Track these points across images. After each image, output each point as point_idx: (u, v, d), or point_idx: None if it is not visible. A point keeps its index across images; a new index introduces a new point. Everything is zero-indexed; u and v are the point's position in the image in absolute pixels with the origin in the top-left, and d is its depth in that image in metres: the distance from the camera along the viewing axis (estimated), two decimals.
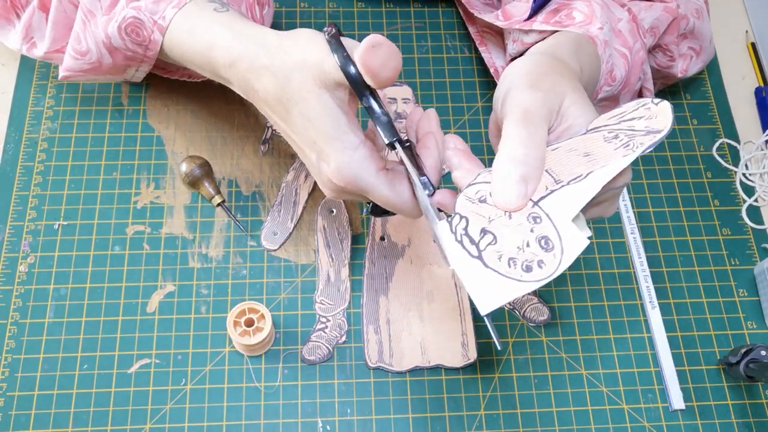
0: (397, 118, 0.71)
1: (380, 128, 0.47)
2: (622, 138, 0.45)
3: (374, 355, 0.61)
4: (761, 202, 0.70)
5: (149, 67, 0.61)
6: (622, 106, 0.48)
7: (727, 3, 0.81)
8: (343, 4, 0.77)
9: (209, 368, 0.61)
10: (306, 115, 0.48)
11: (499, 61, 0.71)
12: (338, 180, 0.48)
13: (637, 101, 0.48)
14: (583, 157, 0.45)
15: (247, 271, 0.64)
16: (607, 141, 0.46)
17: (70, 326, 0.61)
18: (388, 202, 0.49)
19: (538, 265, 0.44)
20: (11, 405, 0.58)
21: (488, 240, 0.44)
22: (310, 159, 0.50)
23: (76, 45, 0.59)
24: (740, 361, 0.59)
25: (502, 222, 0.45)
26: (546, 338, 0.63)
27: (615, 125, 0.46)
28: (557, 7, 0.62)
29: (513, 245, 0.44)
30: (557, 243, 0.44)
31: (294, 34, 0.49)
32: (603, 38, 0.59)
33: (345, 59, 0.45)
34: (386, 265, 0.65)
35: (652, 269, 0.66)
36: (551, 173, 0.46)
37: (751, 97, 0.76)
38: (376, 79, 0.45)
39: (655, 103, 0.47)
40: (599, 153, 0.45)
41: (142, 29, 0.56)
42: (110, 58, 0.59)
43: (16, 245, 0.64)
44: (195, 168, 0.65)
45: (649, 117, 0.46)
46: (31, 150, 0.68)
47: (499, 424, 0.60)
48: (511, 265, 0.44)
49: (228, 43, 0.51)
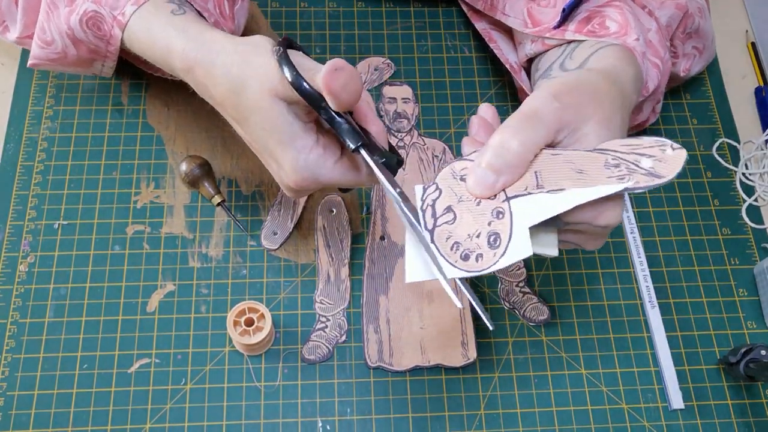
0: (396, 117, 0.71)
1: (344, 136, 0.47)
2: (622, 169, 0.45)
3: (374, 355, 0.61)
4: (761, 202, 0.70)
5: (114, 62, 0.61)
6: (641, 138, 0.47)
7: (727, 3, 0.81)
8: (343, 4, 0.77)
9: (209, 368, 0.61)
10: (260, 125, 0.49)
11: (511, 57, 0.70)
12: (298, 182, 0.50)
13: (657, 139, 0.46)
14: (575, 173, 0.45)
15: (247, 270, 0.64)
16: (606, 167, 0.45)
17: (70, 326, 0.61)
18: (349, 185, 0.52)
19: (475, 258, 0.45)
20: (11, 405, 0.58)
21: (448, 218, 0.46)
22: (270, 166, 0.52)
23: (41, 34, 0.59)
24: (740, 361, 0.59)
25: (468, 206, 0.46)
26: (546, 338, 0.63)
27: (623, 153, 0.46)
28: (588, 14, 0.60)
29: (466, 231, 0.46)
30: (504, 243, 0.45)
31: (253, 41, 0.50)
32: (640, 50, 0.58)
33: (296, 76, 0.46)
34: (386, 264, 0.65)
35: (651, 269, 0.66)
36: (538, 176, 0.46)
37: (751, 97, 0.76)
38: (338, 100, 0.45)
39: (673, 149, 0.46)
40: (592, 175, 0.45)
41: (103, 23, 0.56)
42: (74, 49, 0.60)
43: (16, 245, 0.64)
44: (195, 168, 0.65)
45: (659, 159, 0.45)
46: (31, 150, 0.68)
47: (499, 423, 0.60)
48: (453, 249, 0.45)
49: (183, 48, 0.51)
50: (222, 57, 0.49)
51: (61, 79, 0.71)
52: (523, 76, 0.68)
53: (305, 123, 0.49)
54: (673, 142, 0.46)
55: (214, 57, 0.50)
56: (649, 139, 0.47)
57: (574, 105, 0.47)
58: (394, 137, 0.70)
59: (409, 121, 0.71)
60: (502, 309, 0.64)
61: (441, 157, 0.70)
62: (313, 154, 0.49)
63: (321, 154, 0.49)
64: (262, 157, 0.52)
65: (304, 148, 0.48)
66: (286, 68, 0.46)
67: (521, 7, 0.66)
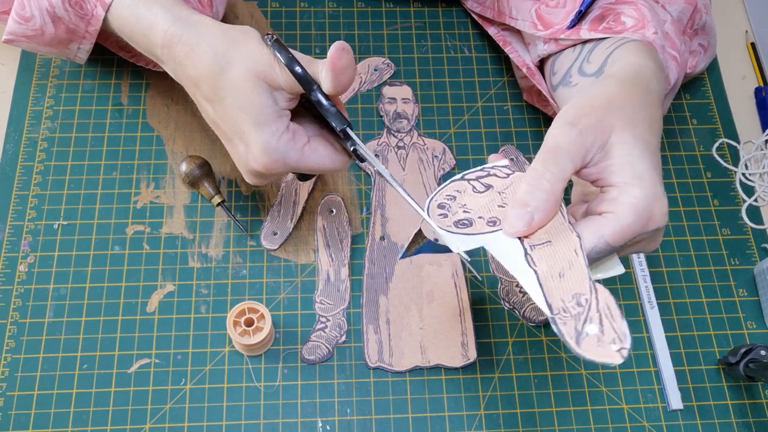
0: (397, 117, 0.71)
1: (330, 118, 0.51)
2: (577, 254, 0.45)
3: (374, 355, 0.61)
4: (761, 202, 0.70)
5: (90, 45, 0.62)
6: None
7: (727, 3, 0.81)
8: (343, 4, 0.77)
9: (209, 368, 0.61)
10: (239, 105, 0.51)
11: (527, 58, 0.69)
12: (267, 164, 0.52)
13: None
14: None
15: (247, 270, 0.64)
16: (569, 231, 0.46)
17: (69, 326, 0.61)
18: (318, 168, 0.54)
19: (459, 224, 0.49)
20: (11, 405, 0.58)
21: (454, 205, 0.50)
22: (237, 148, 0.54)
23: (20, 10, 0.59)
24: (740, 361, 0.59)
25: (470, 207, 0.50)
26: (546, 338, 0.63)
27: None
28: (602, 12, 0.60)
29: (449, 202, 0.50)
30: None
31: (243, 29, 0.52)
32: (660, 43, 0.58)
33: (290, 59, 0.50)
34: (386, 265, 0.65)
35: (651, 269, 0.66)
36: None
37: (751, 97, 0.76)
38: (336, 81, 0.50)
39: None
40: (556, 233, 0.46)
41: (86, 3, 0.57)
42: (53, 27, 0.60)
43: (16, 245, 0.64)
44: (195, 168, 0.65)
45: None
46: (31, 150, 0.68)
47: (499, 423, 0.60)
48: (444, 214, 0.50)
49: (167, 26, 0.53)
50: (208, 38, 0.52)
51: (61, 79, 0.71)
52: (539, 78, 0.67)
53: (281, 109, 0.52)
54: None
55: (200, 38, 0.52)
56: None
57: (592, 125, 0.47)
58: (394, 137, 0.70)
59: (409, 121, 0.71)
60: (502, 309, 0.64)
61: (441, 157, 0.70)
62: (284, 138, 0.51)
63: (290, 138, 0.52)
64: (230, 139, 0.54)
65: (276, 131, 0.51)
66: (280, 52, 0.50)
67: (528, 8, 0.65)
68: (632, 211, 0.45)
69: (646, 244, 0.49)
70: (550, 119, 0.70)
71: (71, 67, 0.72)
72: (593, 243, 0.45)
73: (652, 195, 0.46)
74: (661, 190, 0.46)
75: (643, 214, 0.45)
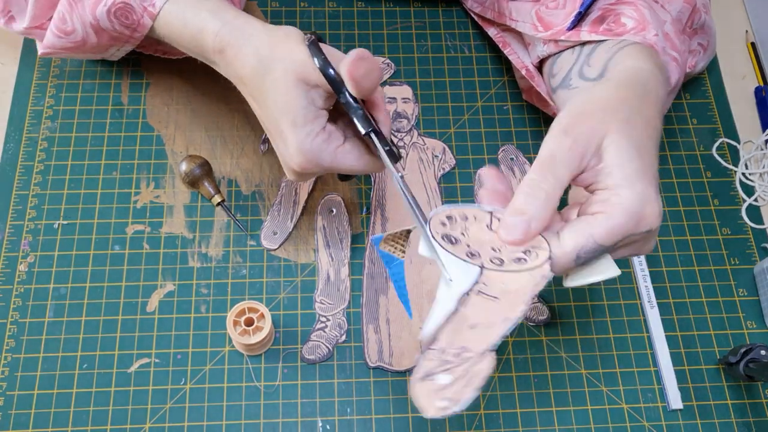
0: (397, 117, 0.71)
1: (357, 120, 0.52)
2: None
3: (374, 355, 0.61)
4: (761, 202, 0.70)
5: (132, 47, 0.63)
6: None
7: (727, 3, 0.81)
8: (343, 4, 0.77)
9: (209, 367, 0.61)
10: (278, 106, 0.52)
11: (527, 60, 0.69)
12: (302, 163, 0.53)
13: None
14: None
15: (247, 270, 0.64)
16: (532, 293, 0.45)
17: (69, 325, 0.61)
18: (352, 169, 0.54)
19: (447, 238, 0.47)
20: (11, 404, 0.58)
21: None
22: (278, 147, 0.55)
23: (61, 25, 0.60)
24: (740, 361, 0.59)
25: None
26: (546, 338, 0.63)
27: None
28: (602, 13, 0.60)
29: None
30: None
31: (286, 30, 0.54)
32: (661, 45, 0.58)
33: (324, 62, 0.51)
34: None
35: (651, 269, 0.66)
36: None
37: (751, 96, 0.76)
38: (359, 87, 0.50)
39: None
40: (513, 291, 0.45)
41: (132, 13, 0.58)
42: (96, 38, 0.61)
43: (16, 245, 0.64)
44: (195, 167, 0.65)
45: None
46: (31, 149, 0.68)
47: (499, 423, 0.60)
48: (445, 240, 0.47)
49: (217, 30, 0.54)
50: (254, 40, 0.53)
51: (61, 79, 0.71)
52: (539, 80, 0.67)
53: (318, 109, 0.53)
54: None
55: (246, 39, 0.53)
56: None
57: (585, 132, 0.47)
58: (394, 137, 0.70)
59: (409, 121, 0.71)
60: None
61: (441, 157, 0.70)
62: (319, 138, 0.52)
63: (325, 139, 0.53)
64: (273, 137, 0.55)
65: (311, 132, 0.52)
66: (315, 54, 0.51)
67: (528, 10, 0.65)
68: (622, 211, 0.45)
69: (640, 247, 0.49)
70: (550, 119, 0.70)
71: (71, 67, 0.72)
72: (582, 242, 0.45)
73: (644, 196, 0.46)
74: (653, 191, 0.46)
75: (633, 214, 0.45)
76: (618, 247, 0.47)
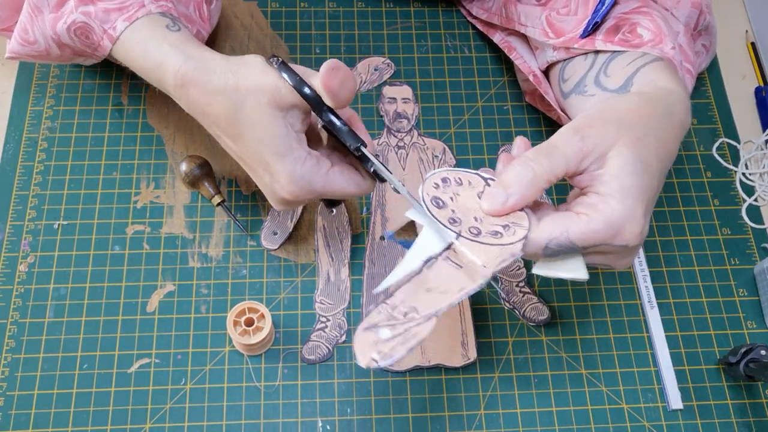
0: (397, 117, 0.71)
1: (344, 137, 0.50)
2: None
3: None
4: (761, 202, 0.70)
5: (99, 60, 0.62)
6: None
7: (727, 3, 0.81)
8: (343, 4, 0.77)
9: (209, 368, 0.61)
10: (259, 138, 0.50)
11: (533, 64, 0.68)
12: (294, 191, 0.51)
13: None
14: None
15: (247, 270, 0.64)
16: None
17: (69, 326, 0.61)
18: (343, 191, 0.53)
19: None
20: (11, 404, 0.58)
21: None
22: (262, 179, 0.53)
23: (23, 35, 0.59)
24: (740, 361, 0.59)
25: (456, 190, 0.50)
26: (546, 338, 0.63)
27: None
28: (616, 22, 0.59)
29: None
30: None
31: (246, 59, 0.51)
32: (678, 59, 0.57)
33: (299, 81, 0.49)
34: (386, 264, 0.65)
35: (651, 269, 0.66)
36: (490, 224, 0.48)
37: (751, 96, 0.76)
38: (336, 99, 0.48)
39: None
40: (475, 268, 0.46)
41: (92, 34, 0.57)
42: (59, 50, 0.60)
43: (16, 245, 0.64)
44: (195, 168, 0.65)
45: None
46: (31, 150, 0.68)
47: (499, 423, 0.60)
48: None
49: (178, 65, 0.52)
50: (218, 76, 0.50)
51: (61, 79, 0.71)
52: (546, 86, 0.66)
53: (298, 133, 0.51)
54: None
55: (210, 76, 0.51)
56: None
57: (595, 135, 0.48)
58: (395, 137, 0.70)
59: (409, 121, 0.71)
60: (502, 309, 0.64)
61: (441, 157, 0.70)
62: (308, 164, 0.51)
63: (315, 163, 0.51)
64: (255, 171, 0.53)
65: (299, 158, 0.50)
66: (287, 74, 0.49)
67: (538, 15, 0.65)
68: (603, 219, 0.46)
69: (614, 260, 0.50)
70: (550, 119, 0.70)
71: (71, 67, 0.72)
72: (556, 234, 0.46)
73: (629, 212, 0.46)
74: (641, 212, 0.47)
75: (613, 226, 0.46)
76: (590, 252, 0.48)
